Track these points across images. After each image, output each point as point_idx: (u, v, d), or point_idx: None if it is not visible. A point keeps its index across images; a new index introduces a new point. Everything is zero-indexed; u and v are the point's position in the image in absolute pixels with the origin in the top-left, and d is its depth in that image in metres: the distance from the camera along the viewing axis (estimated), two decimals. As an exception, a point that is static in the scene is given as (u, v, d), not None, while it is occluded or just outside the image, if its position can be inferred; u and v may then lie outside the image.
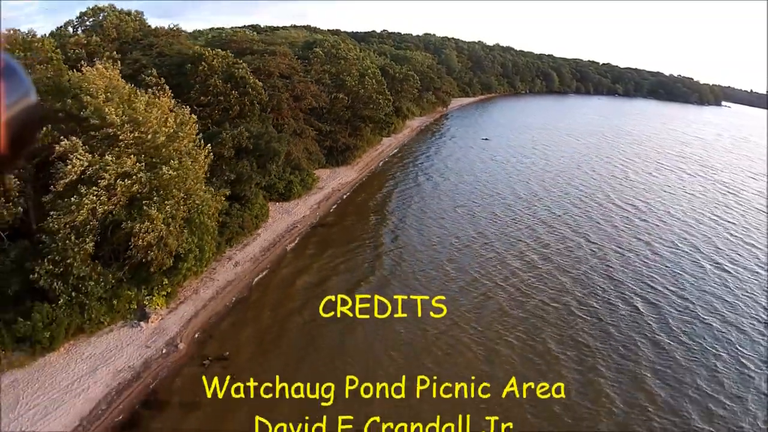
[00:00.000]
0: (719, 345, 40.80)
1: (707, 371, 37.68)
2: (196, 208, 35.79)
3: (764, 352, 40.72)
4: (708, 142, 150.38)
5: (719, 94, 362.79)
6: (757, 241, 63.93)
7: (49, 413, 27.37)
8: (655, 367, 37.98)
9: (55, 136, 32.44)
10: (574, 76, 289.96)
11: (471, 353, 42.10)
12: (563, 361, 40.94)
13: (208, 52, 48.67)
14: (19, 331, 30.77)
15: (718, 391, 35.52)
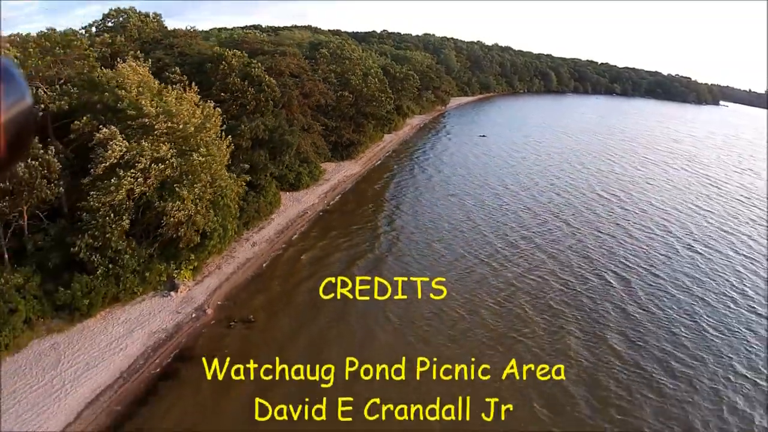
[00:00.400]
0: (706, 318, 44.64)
1: (674, 336, 41.35)
2: (221, 192, 39.81)
3: (722, 319, 44.58)
4: (699, 139, 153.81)
5: (717, 94, 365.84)
6: (732, 228, 68.12)
7: (91, 368, 31.16)
8: (620, 329, 41.99)
9: (94, 125, 36.41)
10: (572, 76, 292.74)
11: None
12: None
13: (228, 53, 52.85)
14: (60, 299, 34.55)
15: (688, 353, 39.28)
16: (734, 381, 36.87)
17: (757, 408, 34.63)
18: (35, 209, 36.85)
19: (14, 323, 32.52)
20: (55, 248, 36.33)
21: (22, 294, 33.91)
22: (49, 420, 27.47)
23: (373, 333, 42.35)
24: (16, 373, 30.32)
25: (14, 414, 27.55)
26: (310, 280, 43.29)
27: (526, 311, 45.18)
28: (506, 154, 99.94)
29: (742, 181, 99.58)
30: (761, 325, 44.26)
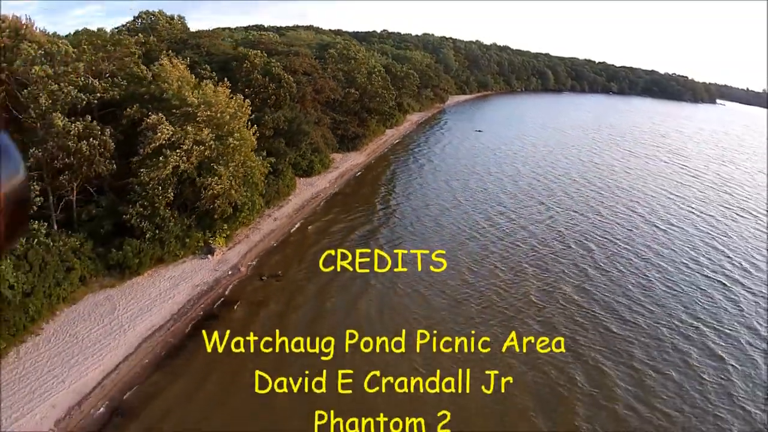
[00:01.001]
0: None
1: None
2: (250, 171, 46.39)
3: (680, 285, 50.23)
4: (687, 135, 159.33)
5: (714, 92, 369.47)
6: (704, 212, 74.45)
7: (144, 312, 37.53)
8: (605, 303, 47.09)
9: (143, 113, 42.95)
10: (570, 75, 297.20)
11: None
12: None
13: (251, 53, 59.65)
14: (113, 259, 40.73)
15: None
16: (696, 334, 42.59)
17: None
18: (86, 184, 43.32)
19: (71, 279, 38.34)
20: (107, 217, 42.59)
21: (78, 255, 39.98)
22: (111, 352, 33.64)
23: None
24: (76, 320, 36.24)
25: (79, 349, 33.61)
26: (322, 246, 49.69)
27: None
28: (496, 148, 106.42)
29: (720, 172, 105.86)
30: (711, 283, 50.50)
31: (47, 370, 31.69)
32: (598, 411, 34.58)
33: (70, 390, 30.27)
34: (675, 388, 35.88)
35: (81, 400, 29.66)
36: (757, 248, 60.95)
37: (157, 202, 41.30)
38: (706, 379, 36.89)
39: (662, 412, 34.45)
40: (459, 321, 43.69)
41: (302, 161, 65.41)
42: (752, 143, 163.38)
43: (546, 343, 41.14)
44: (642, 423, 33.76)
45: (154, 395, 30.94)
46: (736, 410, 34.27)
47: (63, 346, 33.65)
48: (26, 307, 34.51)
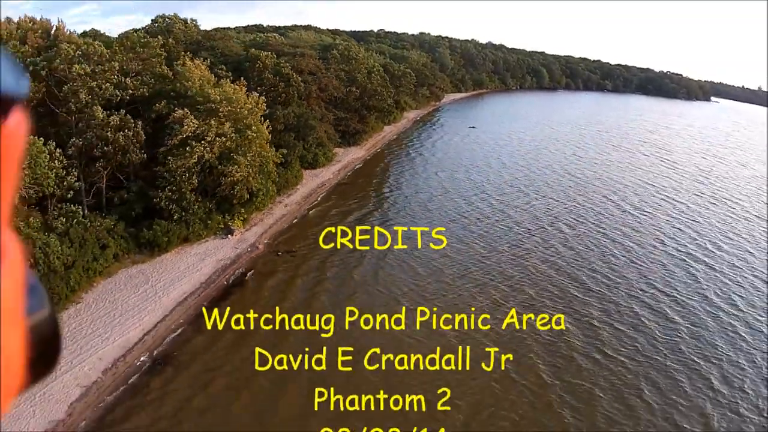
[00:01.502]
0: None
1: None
2: (265, 161, 51.66)
3: (646, 257, 55.52)
4: (675, 130, 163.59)
5: (708, 90, 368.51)
6: (683, 200, 79.84)
7: (176, 282, 42.71)
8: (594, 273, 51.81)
9: (170, 108, 48.13)
10: (564, 73, 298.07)
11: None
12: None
13: (262, 54, 65.05)
14: (144, 237, 45.89)
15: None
16: (654, 301, 47.40)
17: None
18: (117, 172, 48.46)
19: (106, 256, 43.20)
20: (138, 201, 47.86)
21: (111, 235, 44.93)
22: (149, 315, 38.58)
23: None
24: (113, 290, 41.14)
25: (119, 313, 38.54)
26: (327, 228, 54.77)
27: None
28: (484, 142, 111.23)
29: (701, 165, 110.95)
30: (675, 260, 55.63)
31: (91, 330, 36.72)
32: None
33: (114, 345, 35.39)
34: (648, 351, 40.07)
35: (125, 353, 34.80)
36: (724, 233, 66.27)
37: (183, 187, 46.52)
38: (658, 337, 41.45)
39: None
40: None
41: (308, 154, 70.55)
42: (739, 138, 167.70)
43: (546, 320, 41.67)
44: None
45: (187, 350, 36.02)
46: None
47: (104, 311, 38.73)
48: (68, 279, 39.54)
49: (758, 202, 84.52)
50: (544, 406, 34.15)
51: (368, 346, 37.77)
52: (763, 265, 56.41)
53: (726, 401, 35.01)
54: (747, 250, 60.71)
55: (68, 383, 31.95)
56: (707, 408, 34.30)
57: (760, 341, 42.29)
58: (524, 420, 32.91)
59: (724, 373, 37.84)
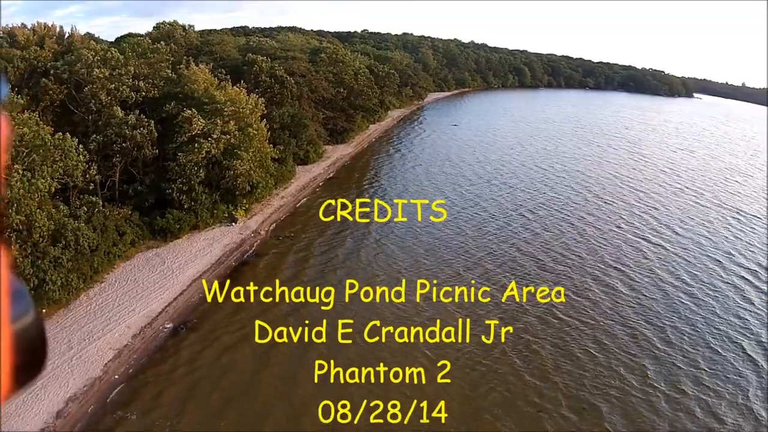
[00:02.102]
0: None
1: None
2: (264, 156, 57.10)
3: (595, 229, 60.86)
4: (651, 126, 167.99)
5: (691, 86, 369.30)
6: (647, 190, 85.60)
7: (190, 263, 47.97)
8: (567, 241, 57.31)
9: (179, 108, 53.42)
10: (546, 71, 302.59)
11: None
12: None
13: (259, 59, 70.57)
14: (158, 224, 51.04)
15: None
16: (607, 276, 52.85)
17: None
18: (130, 167, 53.67)
19: (124, 241, 48.31)
20: (150, 192, 53.12)
21: (128, 223, 50.27)
22: (169, 289, 43.71)
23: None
24: (133, 270, 46.13)
25: (141, 289, 43.65)
26: (322, 216, 60.40)
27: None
28: (470, 139, 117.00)
29: (673, 158, 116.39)
30: (634, 239, 61.08)
31: (117, 304, 41.90)
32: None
33: (140, 315, 40.64)
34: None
35: (150, 322, 40.08)
36: (681, 219, 72.14)
37: (192, 180, 51.82)
38: (621, 297, 46.52)
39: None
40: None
41: (300, 151, 76.00)
42: (714, 133, 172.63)
43: (546, 293, 42.25)
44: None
45: (208, 315, 41.37)
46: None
47: (127, 288, 43.95)
48: (92, 261, 44.63)
49: (721, 191, 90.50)
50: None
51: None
52: (712, 247, 62.15)
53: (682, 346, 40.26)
54: (702, 234, 66.45)
55: (101, 347, 37.05)
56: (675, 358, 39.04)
57: (693, 305, 47.43)
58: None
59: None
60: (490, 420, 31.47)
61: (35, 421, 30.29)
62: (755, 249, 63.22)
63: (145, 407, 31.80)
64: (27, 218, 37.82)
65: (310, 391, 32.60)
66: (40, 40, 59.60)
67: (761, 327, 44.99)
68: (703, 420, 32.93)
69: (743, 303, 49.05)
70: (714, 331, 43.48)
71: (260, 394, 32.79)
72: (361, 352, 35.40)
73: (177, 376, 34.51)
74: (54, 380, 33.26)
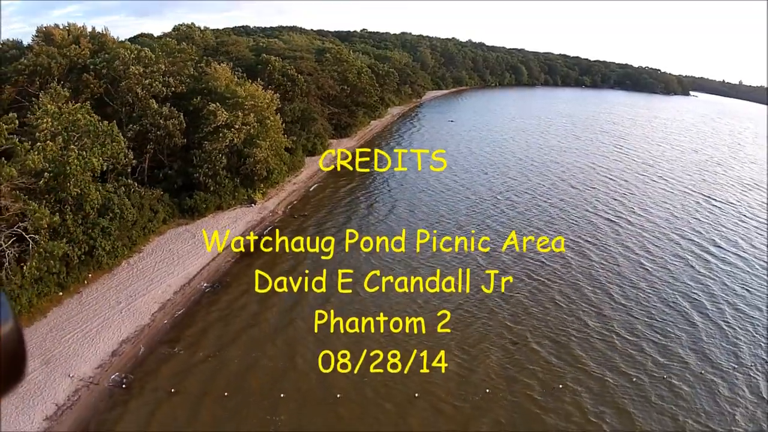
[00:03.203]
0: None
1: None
2: (279, 145, 63.99)
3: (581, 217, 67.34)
4: (639, 122, 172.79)
5: (686, 84, 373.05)
6: (618, 177, 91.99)
7: (219, 234, 55.07)
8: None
9: (204, 102, 60.28)
10: (543, 70, 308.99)
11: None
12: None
13: (272, 59, 77.63)
14: (186, 204, 57.70)
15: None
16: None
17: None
18: (159, 154, 60.43)
19: (158, 218, 55.01)
20: (179, 176, 59.83)
21: (160, 203, 56.90)
22: (202, 256, 50.23)
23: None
24: (167, 242, 52.60)
25: (177, 256, 50.29)
26: (329, 195, 67.42)
27: (545, 204, 60.09)
28: (464, 132, 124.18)
29: (652, 151, 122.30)
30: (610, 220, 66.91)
31: (157, 269, 48.61)
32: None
33: (178, 276, 47.44)
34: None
35: (189, 281, 46.94)
36: (657, 203, 78.38)
37: (217, 165, 58.65)
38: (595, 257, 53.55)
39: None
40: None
41: (308, 143, 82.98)
42: (702, 128, 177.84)
43: (546, 242, 43.70)
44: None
45: (237, 276, 48.23)
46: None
47: (163, 256, 50.68)
48: (130, 234, 51.32)
49: (699, 179, 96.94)
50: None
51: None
52: (679, 227, 68.22)
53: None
54: (671, 214, 72.92)
55: (147, 301, 43.69)
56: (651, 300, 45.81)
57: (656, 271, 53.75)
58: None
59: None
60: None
61: (93, 360, 36.25)
62: (706, 226, 69.32)
63: (190, 345, 38.35)
64: (81, 191, 44.31)
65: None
66: (74, 39, 66.38)
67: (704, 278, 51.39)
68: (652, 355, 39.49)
69: (682, 261, 55.55)
70: (665, 284, 50.08)
71: (287, 334, 38.93)
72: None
73: (214, 320, 41.31)
74: (107, 328, 39.54)
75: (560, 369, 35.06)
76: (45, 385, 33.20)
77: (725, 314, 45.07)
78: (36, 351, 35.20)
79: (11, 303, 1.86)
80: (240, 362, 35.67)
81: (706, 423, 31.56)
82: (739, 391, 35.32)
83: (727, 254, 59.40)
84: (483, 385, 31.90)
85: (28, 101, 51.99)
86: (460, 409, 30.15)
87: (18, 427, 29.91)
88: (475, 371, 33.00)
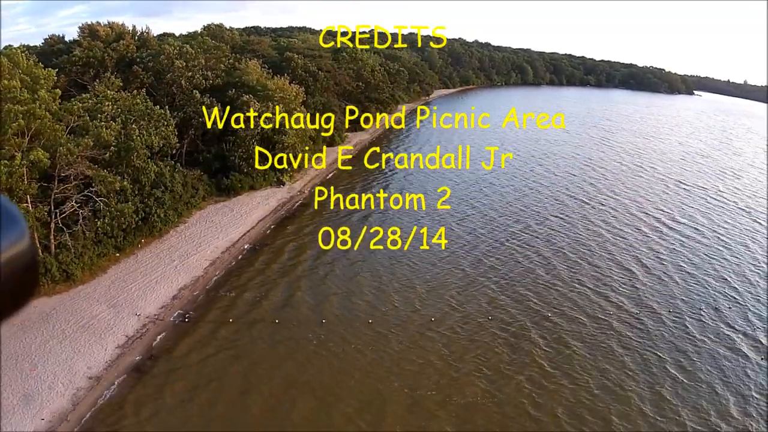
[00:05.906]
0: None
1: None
2: (304, 134, 72.00)
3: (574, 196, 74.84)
4: (634, 119, 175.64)
5: (690, 84, 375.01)
6: (604, 167, 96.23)
7: (253, 210, 62.63)
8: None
9: (239, 94, 68.28)
10: (548, 69, 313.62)
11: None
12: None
13: (296, 56, 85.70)
14: (224, 184, 65.54)
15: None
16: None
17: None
18: (197, 139, 68.36)
19: (198, 195, 63.01)
20: (216, 159, 67.64)
21: (200, 182, 64.69)
22: (241, 226, 58.30)
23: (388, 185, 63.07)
24: (209, 215, 60.17)
25: (219, 226, 58.03)
26: (348, 177, 74.96)
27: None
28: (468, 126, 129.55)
29: (640, 145, 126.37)
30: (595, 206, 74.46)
31: (203, 235, 56.30)
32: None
33: (223, 240, 55.31)
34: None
35: (233, 244, 54.87)
36: (630, 186, 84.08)
37: (250, 150, 66.62)
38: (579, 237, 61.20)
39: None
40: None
41: (327, 135, 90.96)
42: (696, 125, 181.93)
43: (546, 119, 50.50)
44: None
45: (272, 241, 56.31)
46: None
47: (207, 226, 58.46)
48: (176, 207, 58.93)
49: (680, 168, 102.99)
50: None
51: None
52: (651, 211, 73.85)
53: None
54: (644, 197, 78.96)
55: (199, 259, 51.45)
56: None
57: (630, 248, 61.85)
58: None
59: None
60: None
61: (156, 302, 43.42)
62: (672, 206, 76.30)
63: (238, 290, 46.49)
64: (141, 165, 52.06)
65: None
66: (117, 36, 74.62)
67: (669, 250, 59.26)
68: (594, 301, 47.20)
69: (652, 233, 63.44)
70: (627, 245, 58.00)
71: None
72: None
73: (259, 270, 49.75)
74: (165, 279, 46.92)
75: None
76: (114, 323, 40.04)
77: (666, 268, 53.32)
78: (101, 298, 42.88)
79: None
80: (282, 299, 44.16)
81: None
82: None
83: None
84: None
85: (78, 90, 59.72)
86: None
87: (92, 357, 36.32)
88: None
